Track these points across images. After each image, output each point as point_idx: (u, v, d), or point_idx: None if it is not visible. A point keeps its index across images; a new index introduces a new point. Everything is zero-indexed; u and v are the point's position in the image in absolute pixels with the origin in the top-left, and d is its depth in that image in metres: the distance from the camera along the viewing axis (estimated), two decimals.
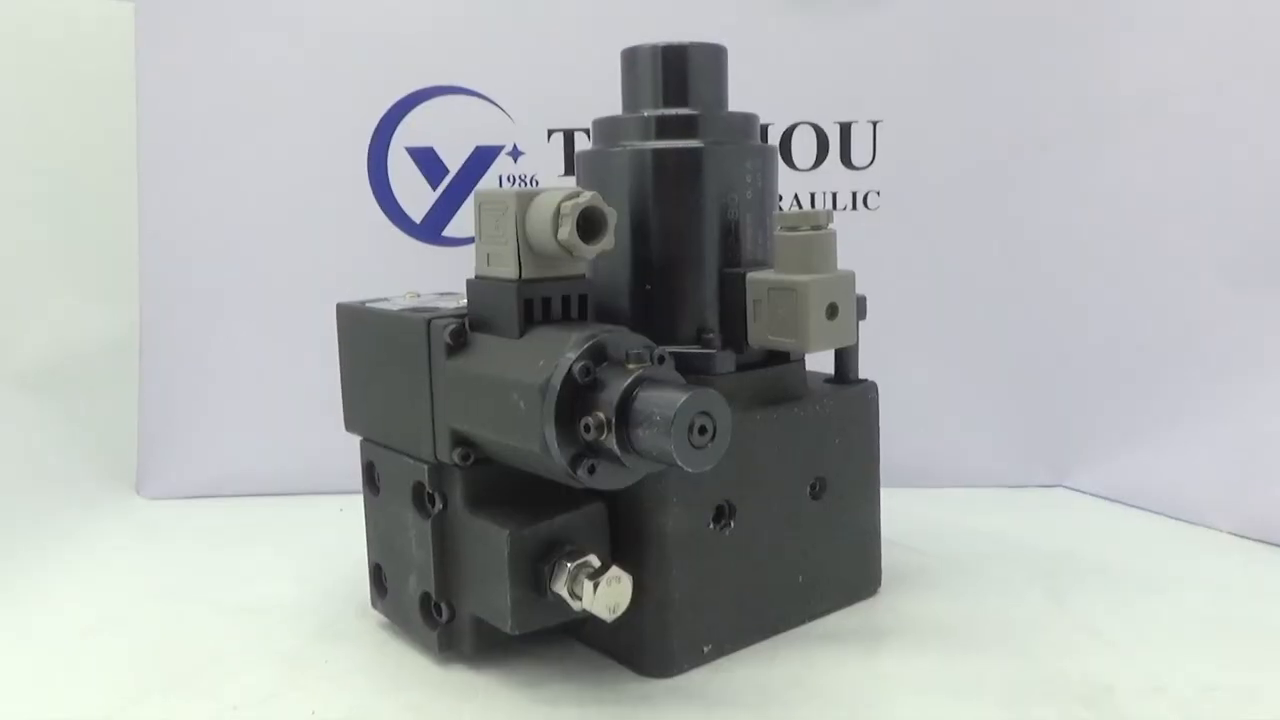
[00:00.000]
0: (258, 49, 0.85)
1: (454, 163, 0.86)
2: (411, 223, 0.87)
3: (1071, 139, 0.83)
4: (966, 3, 0.83)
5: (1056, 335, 0.84)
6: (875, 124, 0.84)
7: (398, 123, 0.85)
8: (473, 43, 0.85)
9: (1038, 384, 0.85)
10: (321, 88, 0.86)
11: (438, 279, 0.82)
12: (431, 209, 0.86)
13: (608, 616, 0.52)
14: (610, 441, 0.48)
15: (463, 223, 0.86)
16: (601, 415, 0.48)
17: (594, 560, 0.53)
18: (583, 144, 0.84)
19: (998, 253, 0.84)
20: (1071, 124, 0.83)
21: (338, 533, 0.76)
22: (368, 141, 0.86)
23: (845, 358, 0.63)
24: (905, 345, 0.85)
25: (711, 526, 0.56)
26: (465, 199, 0.86)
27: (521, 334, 0.52)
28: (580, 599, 0.52)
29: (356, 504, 0.62)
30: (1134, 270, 0.81)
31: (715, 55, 0.60)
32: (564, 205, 0.51)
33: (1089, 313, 0.83)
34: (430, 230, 0.87)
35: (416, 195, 0.86)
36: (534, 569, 0.53)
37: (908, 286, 0.85)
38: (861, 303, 0.60)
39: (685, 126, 0.59)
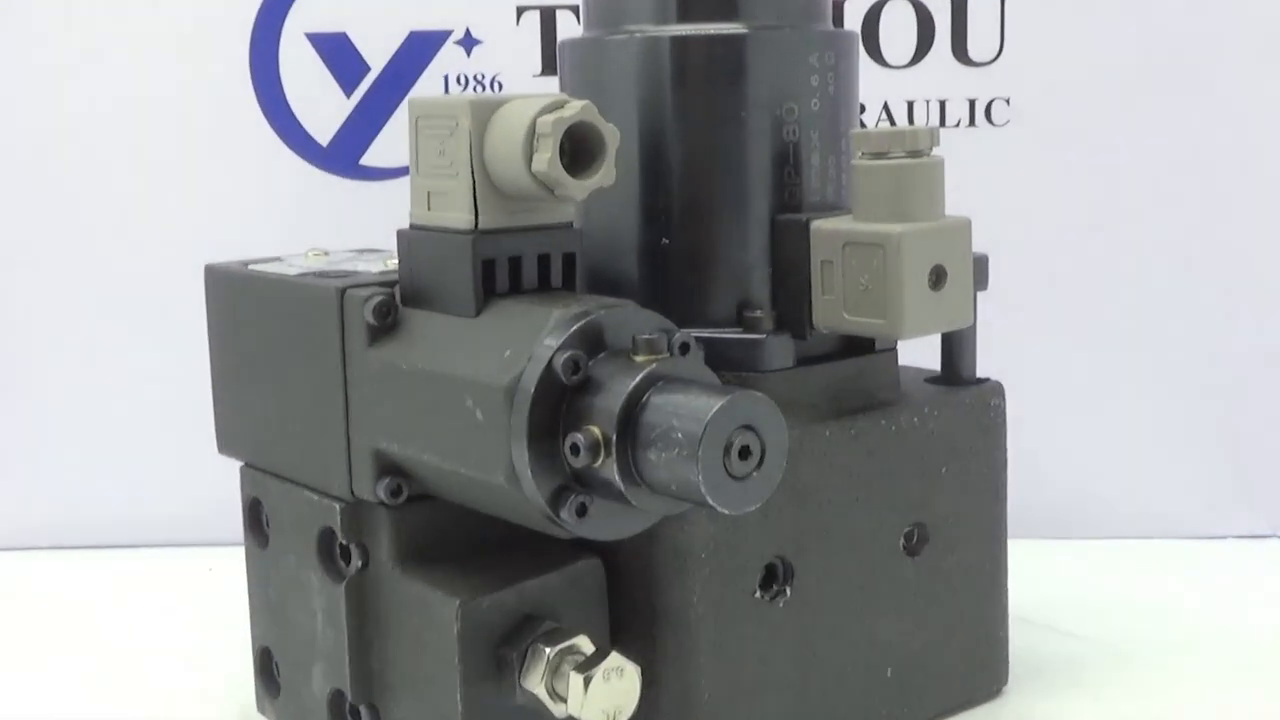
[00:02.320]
0: None
1: (377, 57, 0.87)
2: (315, 146, 0.87)
3: None
4: None
5: (1274, 325, 0.84)
6: None
7: None
8: None
9: (1245, 393, 0.85)
10: None
11: (354, 229, 0.82)
12: (344, 126, 0.87)
13: None
14: (609, 469, 0.48)
15: (391, 146, 0.87)
16: (596, 431, 0.48)
17: (584, 644, 0.53)
18: (569, 29, 0.85)
19: (1188, 198, 0.84)
20: None
21: (206, 602, 0.76)
22: (250, 26, 0.86)
23: (958, 347, 0.63)
24: (1047, 330, 0.85)
25: (759, 595, 0.57)
26: (395, 110, 0.86)
27: (479, 311, 0.53)
28: (564, 700, 0.52)
29: (235, 560, 0.63)
30: None
31: None
32: (541, 120, 0.51)
33: None
34: (342, 157, 0.87)
35: (322, 105, 0.87)
36: (496, 656, 0.53)
37: (1051, 242, 0.85)
38: (981, 265, 0.60)
39: (720, 2, 0.59)
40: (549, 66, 0.85)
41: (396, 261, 0.56)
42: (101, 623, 0.77)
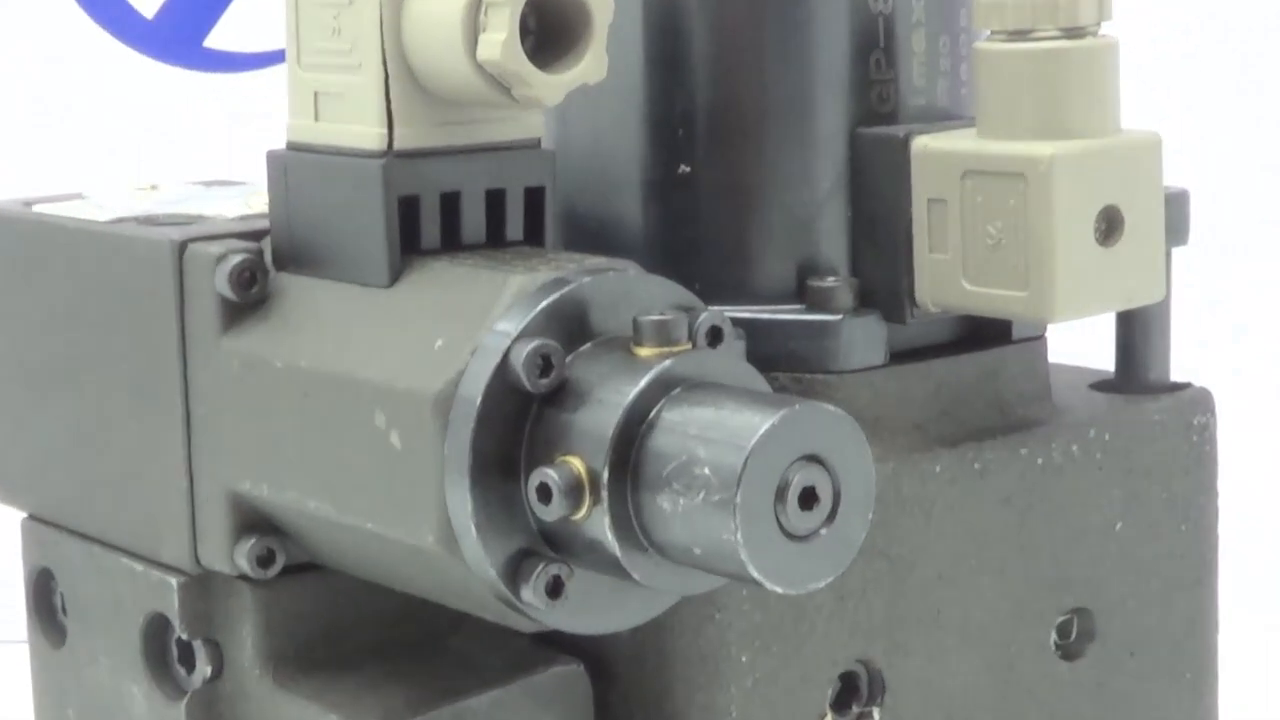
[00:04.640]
0: None
1: None
2: (137, 20, 0.87)
3: None
4: None
5: None
6: None
7: None
8: None
9: None
10: None
11: (197, 147, 0.83)
12: None
13: None
14: (597, 524, 0.48)
15: (251, 21, 0.88)
16: (578, 465, 0.48)
17: None
18: None
19: None
20: None
21: None
22: None
23: (1141, 335, 0.64)
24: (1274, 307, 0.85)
25: (830, 719, 0.57)
26: None
27: (395, 278, 0.53)
28: None
29: (13, 663, 0.63)
30: None
31: None
32: None
33: None
34: (178, 36, 0.88)
35: None
36: None
37: None
38: (1178, 207, 0.61)
39: None
40: None
41: (265, 200, 0.56)
42: None
